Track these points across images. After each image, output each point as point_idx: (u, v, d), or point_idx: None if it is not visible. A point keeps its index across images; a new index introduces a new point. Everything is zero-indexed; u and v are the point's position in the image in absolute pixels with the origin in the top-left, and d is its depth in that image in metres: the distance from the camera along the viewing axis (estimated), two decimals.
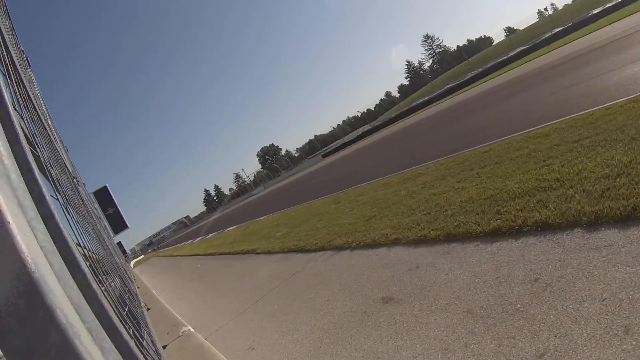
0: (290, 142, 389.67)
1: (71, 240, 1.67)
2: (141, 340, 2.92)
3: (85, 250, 2.90)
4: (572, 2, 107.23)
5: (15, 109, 1.96)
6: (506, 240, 6.18)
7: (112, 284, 3.97)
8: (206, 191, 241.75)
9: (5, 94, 1.72)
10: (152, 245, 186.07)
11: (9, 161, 1.44)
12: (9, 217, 1.13)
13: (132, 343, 1.86)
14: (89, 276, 1.68)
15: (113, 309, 2.05)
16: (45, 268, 1.19)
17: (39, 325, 1.07)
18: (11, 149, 1.54)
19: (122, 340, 1.74)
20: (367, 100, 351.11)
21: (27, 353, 1.06)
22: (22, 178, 1.49)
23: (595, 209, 5.44)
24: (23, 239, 1.15)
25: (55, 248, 1.43)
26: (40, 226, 1.40)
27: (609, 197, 5.58)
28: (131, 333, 2.34)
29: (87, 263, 1.92)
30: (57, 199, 2.36)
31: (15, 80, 2.66)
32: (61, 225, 1.62)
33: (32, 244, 1.20)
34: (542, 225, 5.91)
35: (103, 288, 2.17)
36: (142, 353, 2.11)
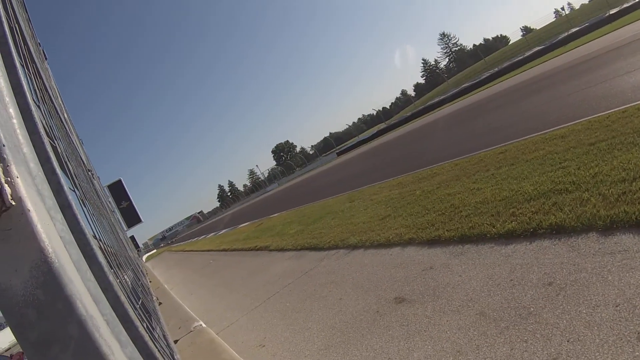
0: (305, 139, 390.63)
1: (88, 232, 1.66)
2: (154, 334, 2.92)
3: (100, 242, 2.90)
4: (589, 1, 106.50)
5: (33, 100, 1.96)
6: (521, 242, 6.15)
7: (126, 277, 3.97)
8: (220, 187, 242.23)
9: (23, 83, 1.72)
10: (165, 239, 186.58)
11: (28, 149, 1.44)
12: (29, 205, 1.13)
13: (147, 337, 1.86)
14: (106, 268, 1.68)
15: (129, 302, 2.05)
16: (65, 258, 1.19)
17: (58, 316, 1.07)
18: (30, 138, 1.54)
19: (137, 333, 1.73)
20: (383, 98, 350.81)
21: (45, 345, 1.05)
22: (40, 167, 1.49)
23: (610, 213, 5.40)
24: (43, 227, 1.14)
25: (73, 239, 1.44)
26: (59, 216, 1.41)
27: (625, 202, 5.55)
28: (145, 327, 2.34)
29: (103, 255, 1.93)
30: (74, 191, 2.38)
31: (32, 72, 2.66)
32: (79, 216, 1.62)
33: (52, 234, 1.19)
34: (557, 228, 5.87)
35: (118, 281, 2.17)
36: (156, 347, 2.10)
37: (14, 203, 1.10)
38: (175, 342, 8.19)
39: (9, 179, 1.12)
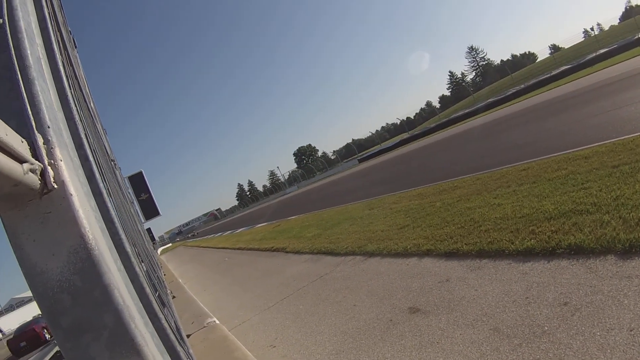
0: (328, 143, 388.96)
1: (117, 220, 1.68)
2: (172, 327, 2.94)
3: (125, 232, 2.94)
4: (619, 23, 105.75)
5: (69, 86, 1.98)
6: (538, 261, 6.12)
7: (144, 267, 4.00)
8: (239, 186, 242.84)
9: (61, 68, 1.75)
10: (181, 234, 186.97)
11: (67, 134, 1.48)
12: (71, 189, 1.15)
13: (168, 329, 1.86)
14: (133, 258, 1.68)
15: (152, 293, 2.06)
16: (103, 246, 1.19)
17: (94, 304, 1.08)
18: (67, 123, 1.58)
19: (160, 325, 1.74)
20: (407, 108, 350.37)
21: (78, 332, 1.06)
22: (76, 152, 1.53)
23: (630, 237, 5.36)
24: (84, 213, 1.16)
25: (105, 226, 1.46)
26: (92, 203, 1.43)
27: None
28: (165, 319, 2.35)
29: (130, 245, 1.94)
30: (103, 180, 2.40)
31: (64, 59, 2.67)
32: (109, 204, 1.64)
33: (91, 220, 1.21)
34: (576, 248, 5.85)
35: (143, 272, 2.19)
36: (177, 340, 2.12)
37: (56, 186, 1.12)
38: (188, 336, 8.22)
39: (52, 161, 1.14)
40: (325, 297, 8.74)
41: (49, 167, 1.12)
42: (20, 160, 0.98)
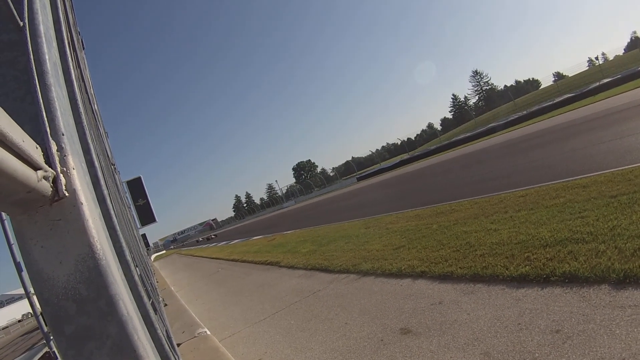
0: (327, 160, 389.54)
1: (119, 228, 1.68)
2: (164, 335, 2.93)
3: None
4: (624, 53, 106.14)
5: (79, 89, 1.98)
6: (532, 287, 6.14)
7: (138, 273, 3.99)
8: (237, 197, 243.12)
9: (72, 71, 1.75)
10: (176, 242, 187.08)
11: (77, 140, 1.48)
12: (82, 198, 1.15)
13: (164, 339, 1.86)
14: (132, 267, 1.68)
15: (151, 303, 2.05)
16: (110, 256, 1.20)
17: (99, 314, 1.08)
18: (76, 127, 1.58)
19: (156, 335, 1.72)
20: (408, 128, 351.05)
21: (81, 340, 1.06)
22: (84, 158, 1.52)
23: (625, 267, 5.39)
24: (94, 223, 1.16)
25: (108, 234, 1.45)
26: (99, 210, 1.42)
27: None
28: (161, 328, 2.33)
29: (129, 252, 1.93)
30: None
31: (74, 62, 2.68)
32: (112, 211, 1.64)
33: (99, 229, 1.21)
34: (570, 277, 5.87)
35: (141, 280, 2.18)
36: (170, 350, 2.11)
37: (67, 194, 1.12)
38: (179, 345, 8.22)
39: (64, 169, 1.15)
40: (317, 314, 8.73)
41: (61, 175, 1.12)
42: (35, 167, 0.99)
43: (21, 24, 1.23)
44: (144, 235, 44.11)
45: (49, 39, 1.43)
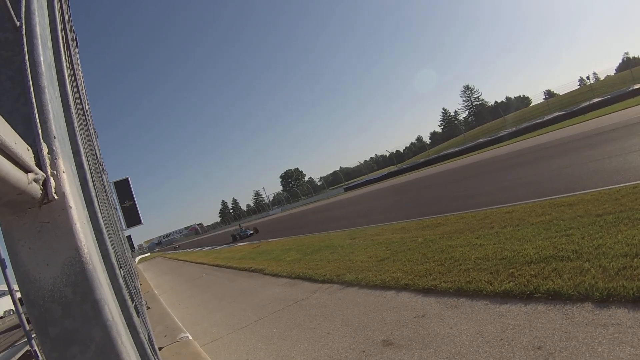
0: (316, 169, 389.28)
1: (105, 230, 1.66)
2: (146, 339, 2.90)
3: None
4: (615, 74, 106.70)
5: (72, 89, 1.97)
6: (516, 303, 6.15)
7: (122, 274, 3.98)
8: (224, 203, 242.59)
9: (65, 70, 1.74)
10: (161, 245, 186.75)
11: (67, 142, 1.48)
12: (71, 202, 1.15)
13: (146, 343, 1.84)
14: (117, 270, 1.68)
15: (134, 306, 2.03)
16: (96, 260, 1.20)
17: (84, 317, 1.08)
18: (67, 129, 1.57)
19: (138, 339, 1.70)
20: (397, 141, 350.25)
21: (65, 343, 1.05)
22: (73, 160, 1.52)
23: (608, 286, 5.42)
24: (82, 227, 1.16)
25: (95, 237, 1.45)
26: (86, 213, 1.42)
27: (624, 276, 5.56)
28: (143, 332, 2.31)
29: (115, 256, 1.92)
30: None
31: (67, 61, 2.66)
32: (99, 214, 1.63)
33: (87, 233, 1.21)
34: (554, 294, 5.88)
35: (125, 283, 2.16)
36: (152, 355, 2.10)
37: (56, 197, 1.12)
38: (160, 349, 8.17)
39: (55, 172, 1.15)
40: (299, 323, 8.71)
41: (51, 178, 1.13)
42: (26, 169, 0.99)
43: (18, 24, 1.23)
44: (129, 237, 43.94)
45: (45, 40, 1.44)
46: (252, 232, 46.33)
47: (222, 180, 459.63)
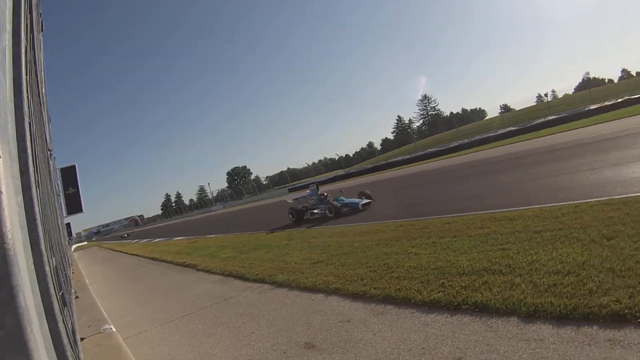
0: (263, 168, 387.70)
1: (40, 217, 1.69)
2: (67, 329, 2.80)
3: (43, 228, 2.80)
4: (573, 92, 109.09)
5: (26, 72, 1.95)
6: (442, 314, 6.17)
7: (53, 263, 3.82)
8: (167, 196, 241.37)
9: (22, 54, 1.80)
10: (100, 234, 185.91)
11: (12, 127, 1.49)
12: (3, 187, 1.15)
13: (63, 332, 1.87)
14: (45, 257, 1.70)
15: (56, 294, 2.00)
16: (19, 246, 1.20)
17: None
18: (15, 113, 1.58)
19: (56, 328, 1.72)
20: (348, 145, 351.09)
21: None
22: (16, 144, 1.54)
23: (536, 302, 5.47)
24: (9, 212, 1.16)
25: (25, 223, 1.49)
26: (19, 198, 1.46)
27: (553, 293, 5.61)
28: (63, 321, 2.28)
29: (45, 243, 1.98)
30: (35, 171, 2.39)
31: (28, 44, 2.73)
32: (35, 200, 1.65)
33: (14, 218, 1.22)
34: (481, 306, 5.92)
35: (51, 270, 2.07)
36: (69, 344, 2.16)
37: None
38: (82, 339, 7.96)
39: None
40: (225, 321, 8.64)
41: None
42: None
43: None
44: (68, 224, 43.33)
45: (3, 24, 1.46)
46: (366, 200, 22.32)
47: (171, 174, 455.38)
